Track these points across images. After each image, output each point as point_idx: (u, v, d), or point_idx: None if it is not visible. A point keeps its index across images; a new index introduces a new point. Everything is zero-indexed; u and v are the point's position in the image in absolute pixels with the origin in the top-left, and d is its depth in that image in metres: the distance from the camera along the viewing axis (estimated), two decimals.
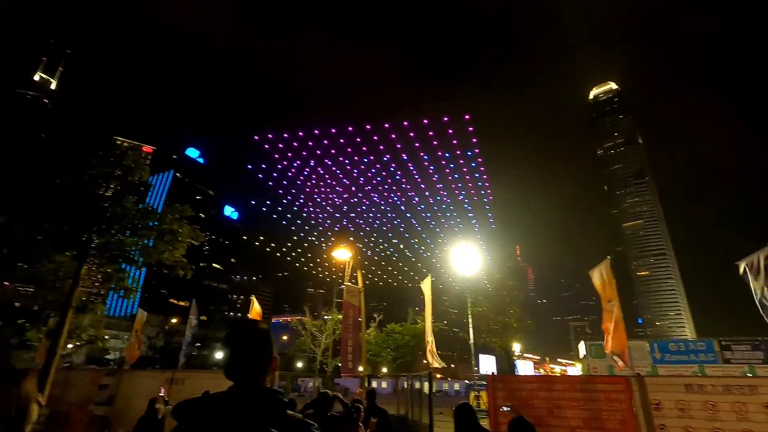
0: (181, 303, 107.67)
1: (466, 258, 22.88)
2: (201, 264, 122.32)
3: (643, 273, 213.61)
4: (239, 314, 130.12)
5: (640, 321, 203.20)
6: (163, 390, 9.16)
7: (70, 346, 20.25)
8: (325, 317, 39.13)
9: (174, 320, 72.49)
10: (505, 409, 7.54)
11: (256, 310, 15.94)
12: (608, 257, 8.93)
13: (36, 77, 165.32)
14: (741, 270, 8.98)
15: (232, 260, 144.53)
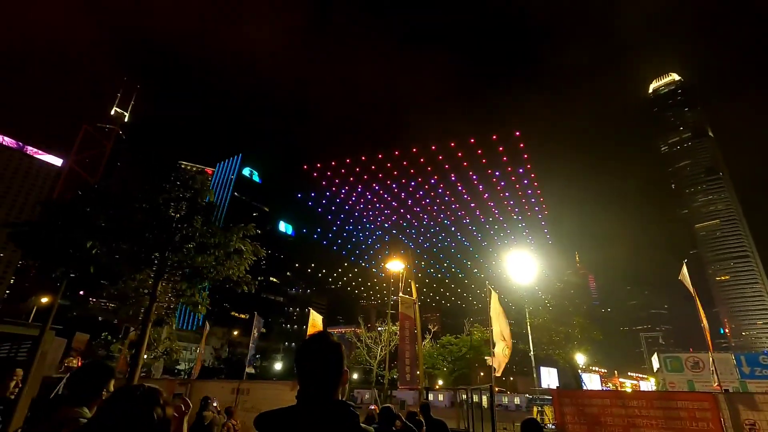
0: (242, 316, 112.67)
1: (522, 267, 22.09)
2: (259, 278, 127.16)
3: (723, 278, 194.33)
4: (296, 326, 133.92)
5: (721, 331, 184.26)
6: (215, 400, 9.67)
7: (146, 357, 21.98)
8: (380, 329, 39.26)
9: (236, 332, 76.05)
10: None
11: (314, 322, 16.37)
12: (684, 261, 8.29)
13: (111, 111, 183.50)
14: None
15: (288, 273, 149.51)
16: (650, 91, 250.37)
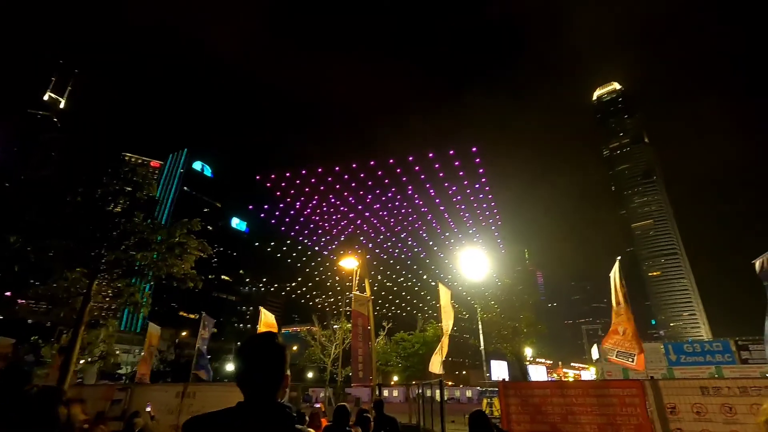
0: (191, 315, 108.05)
1: (474, 264, 22.77)
2: (210, 276, 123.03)
3: (654, 273, 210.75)
4: (249, 325, 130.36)
5: (653, 323, 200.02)
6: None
7: (81, 362, 20.42)
8: (335, 327, 39.06)
9: (184, 333, 72.78)
10: None
11: (266, 321, 15.96)
12: (618, 258, 8.86)
13: (45, 97, 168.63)
14: (757, 268, 8.88)
15: (241, 272, 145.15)
16: (594, 98, 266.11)
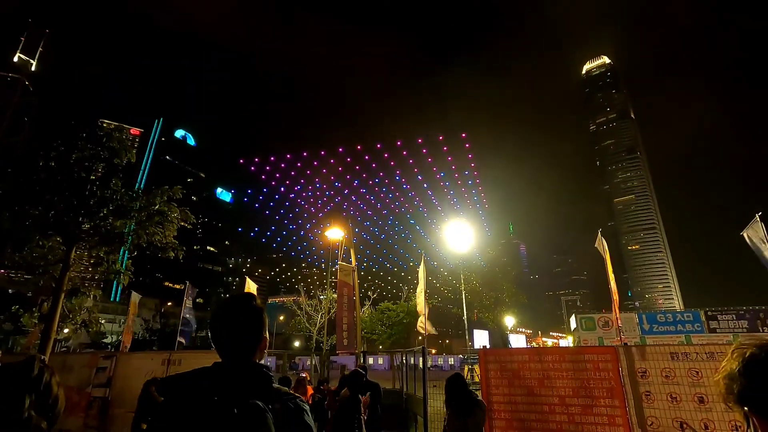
0: (177, 286, 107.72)
1: (459, 236, 23.02)
2: (195, 247, 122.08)
3: (633, 247, 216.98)
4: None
5: (630, 294, 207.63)
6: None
7: (66, 330, 20.28)
8: (321, 297, 39.48)
9: (170, 303, 72.78)
10: None
11: (250, 290, 16.02)
12: (599, 230, 9.03)
13: (15, 58, 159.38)
14: (747, 239, 9.22)
15: (227, 243, 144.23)
16: (583, 72, 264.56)
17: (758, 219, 8.80)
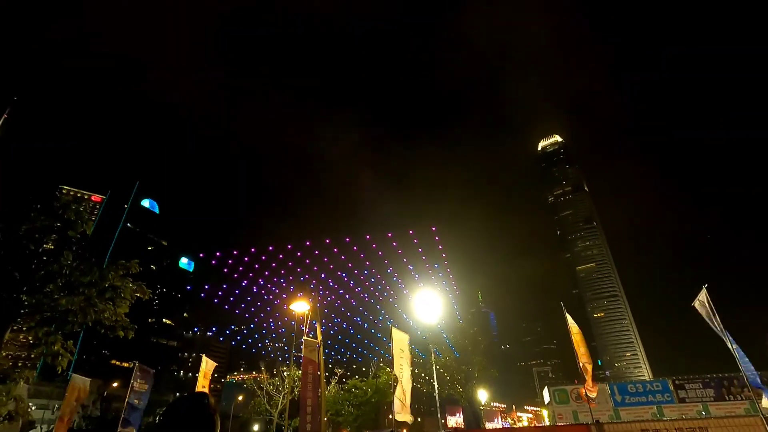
0: (125, 364, 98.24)
1: (427, 306, 22.70)
2: (150, 320, 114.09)
3: (599, 315, 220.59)
4: (189, 374, 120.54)
5: (600, 363, 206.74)
6: None
7: None
8: (284, 374, 36.97)
9: (115, 384, 65.78)
10: None
11: (206, 372, 14.86)
12: (561, 303, 9.20)
13: None
14: (699, 308, 9.60)
15: (185, 314, 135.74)
16: (539, 148, 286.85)
17: (704, 291, 9.30)
